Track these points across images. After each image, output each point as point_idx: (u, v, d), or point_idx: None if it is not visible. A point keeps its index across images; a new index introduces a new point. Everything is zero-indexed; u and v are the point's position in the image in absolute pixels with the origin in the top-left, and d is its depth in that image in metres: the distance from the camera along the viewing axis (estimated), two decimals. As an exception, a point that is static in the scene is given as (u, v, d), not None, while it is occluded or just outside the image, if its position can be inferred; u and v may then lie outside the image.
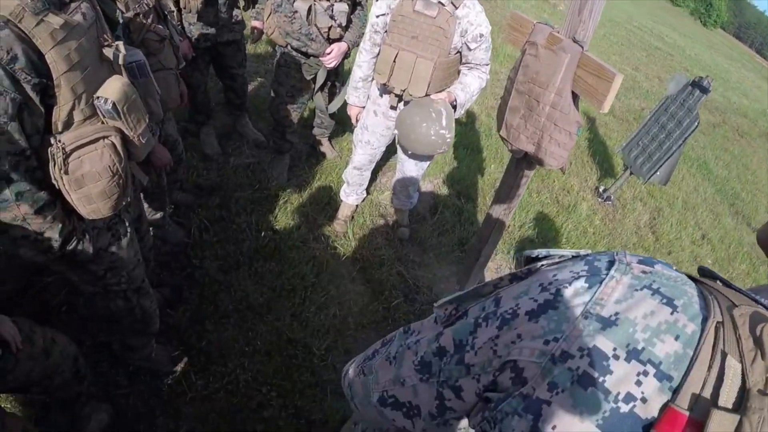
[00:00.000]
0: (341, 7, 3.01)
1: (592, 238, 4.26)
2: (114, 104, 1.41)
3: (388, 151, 3.14)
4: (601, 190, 5.00)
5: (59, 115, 1.33)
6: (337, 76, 3.48)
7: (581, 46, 2.02)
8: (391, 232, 3.46)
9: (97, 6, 1.49)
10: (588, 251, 0.67)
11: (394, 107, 2.76)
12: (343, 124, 4.19)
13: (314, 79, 3.31)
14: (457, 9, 2.42)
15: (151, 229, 2.51)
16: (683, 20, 56.04)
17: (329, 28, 3.04)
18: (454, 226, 3.70)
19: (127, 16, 2.06)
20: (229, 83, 3.71)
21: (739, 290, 0.57)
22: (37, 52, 1.22)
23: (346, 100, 2.95)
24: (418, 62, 2.47)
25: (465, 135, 5.01)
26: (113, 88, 1.42)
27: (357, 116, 2.97)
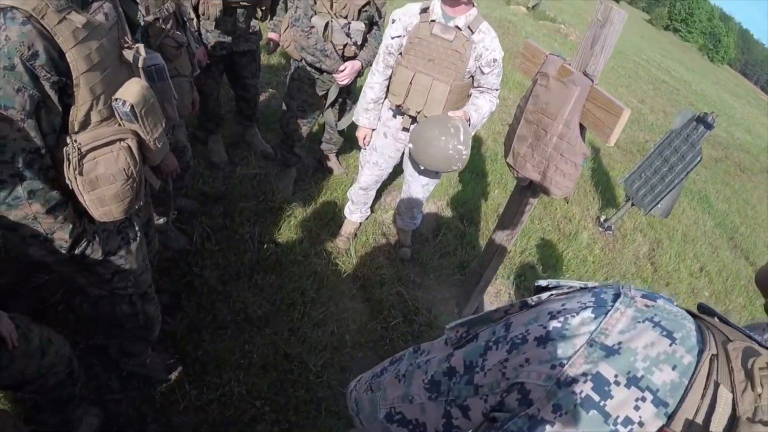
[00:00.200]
0: (358, 26, 3.05)
1: (592, 267, 4.27)
2: (132, 107, 1.40)
3: (395, 171, 3.15)
4: (602, 220, 5.02)
5: (76, 115, 1.32)
6: (349, 94, 3.51)
7: (591, 80, 2.05)
8: (392, 252, 3.47)
9: (119, 7, 1.50)
10: (595, 284, 0.71)
11: (407, 129, 2.78)
12: (351, 141, 4.21)
13: (326, 95, 3.34)
14: (473, 34, 2.47)
15: (155, 233, 2.51)
16: (691, 55, 56.62)
17: (344, 46, 3.08)
18: (456, 249, 3.71)
19: (146, 20, 2.08)
20: (241, 93, 3.74)
21: (735, 327, 0.61)
22: (58, 50, 1.22)
23: (356, 122, 2.94)
24: (434, 85, 2.51)
25: (471, 159, 4.95)
26: (132, 90, 1.42)
27: (366, 138, 2.96)
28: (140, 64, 1.50)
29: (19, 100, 1.18)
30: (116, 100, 1.39)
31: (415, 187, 3.09)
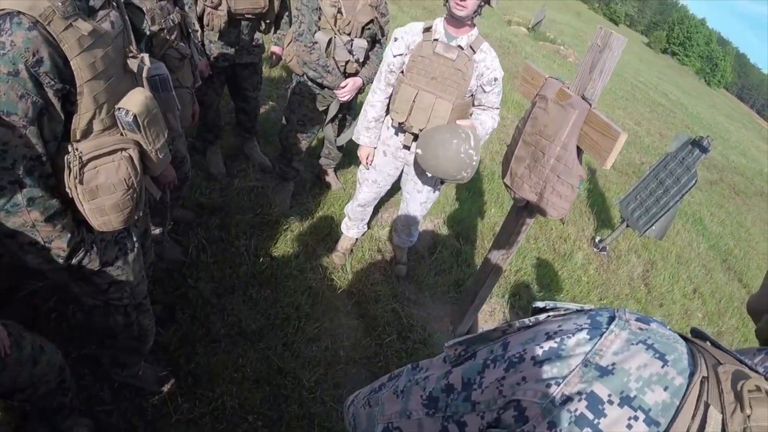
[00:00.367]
0: (361, 43, 3.09)
1: (586, 287, 4.29)
2: (135, 117, 1.40)
3: (392, 188, 3.17)
4: (597, 241, 5.04)
5: (79, 123, 1.32)
6: (349, 110, 3.54)
7: (589, 104, 2.08)
8: (388, 269, 3.47)
9: (126, 15, 1.50)
10: (591, 306, 0.72)
11: (408, 147, 2.80)
12: (350, 156, 4.23)
13: (326, 111, 3.37)
14: (474, 53, 2.52)
15: (150, 243, 2.50)
16: (688, 79, 57.33)
17: (346, 62, 3.11)
18: (452, 267, 3.71)
19: (151, 30, 2.07)
20: (242, 105, 3.76)
21: (726, 351, 0.62)
22: (63, 57, 1.21)
23: (357, 141, 2.94)
24: (438, 103, 2.53)
25: (468, 178, 5.05)
26: (135, 100, 1.41)
27: (368, 157, 2.96)
28: (144, 74, 1.50)
29: (22, 106, 1.18)
30: (119, 109, 1.39)
31: (413, 204, 3.10)
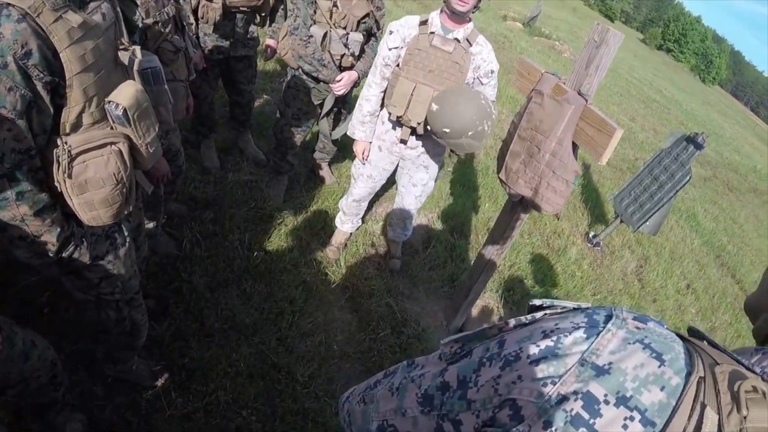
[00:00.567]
0: (356, 37, 3.07)
1: (580, 282, 4.30)
2: (125, 110, 1.38)
3: (387, 182, 3.16)
4: (591, 236, 5.06)
5: (68, 117, 1.30)
6: (344, 104, 3.52)
7: (585, 99, 2.08)
8: (382, 263, 3.46)
9: (118, 7, 1.48)
10: (588, 304, 0.72)
11: (405, 141, 2.79)
12: (344, 150, 4.22)
13: (321, 105, 3.35)
14: (471, 46, 2.53)
15: (144, 237, 2.49)
16: (683, 76, 57.48)
17: (342, 56, 3.10)
18: (446, 262, 3.71)
19: (146, 23, 2.06)
20: (236, 98, 3.73)
21: (724, 350, 0.62)
22: (52, 49, 1.20)
23: (352, 136, 2.93)
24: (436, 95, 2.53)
25: (462, 172, 5.06)
26: (126, 93, 1.40)
27: (364, 152, 2.94)
28: (135, 67, 1.48)
29: (11, 99, 1.16)
30: (109, 102, 1.37)
31: (408, 198, 3.10)
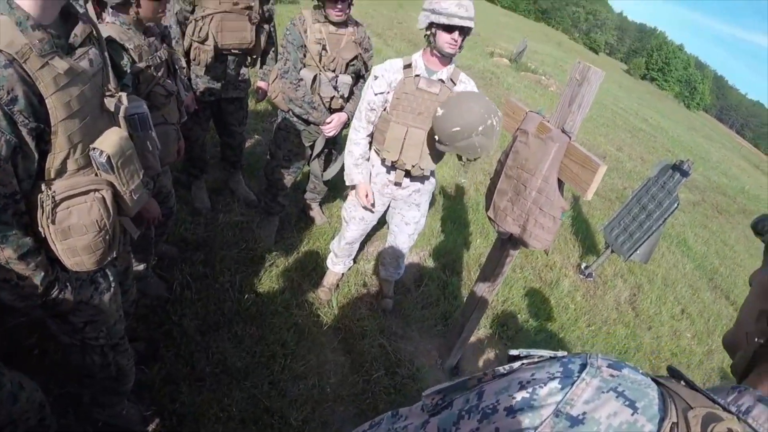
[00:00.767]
0: (345, 79, 3.14)
1: (574, 314, 4.29)
2: (109, 157, 1.39)
3: (377, 221, 3.17)
4: (583, 267, 5.07)
5: (53, 162, 1.31)
6: (335, 145, 3.56)
7: (569, 136, 2.12)
8: (374, 303, 3.44)
9: (106, 53, 1.50)
10: (564, 353, 0.73)
11: (400, 184, 2.82)
12: (335, 190, 4.25)
13: (312, 146, 3.39)
14: (455, 85, 2.59)
15: (133, 280, 2.47)
16: (668, 103, 58.61)
17: (332, 98, 3.15)
18: (439, 300, 3.70)
19: (138, 67, 2.09)
20: (227, 140, 3.77)
21: (700, 390, 0.63)
22: (38, 95, 1.21)
23: (351, 183, 2.87)
24: (428, 137, 2.57)
25: (453, 209, 5.10)
26: (110, 141, 1.41)
27: (367, 195, 2.86)
28: (122, 114, 1.50)
29: None
30: (94, 149, 1.38)
31: (401, 237, 3.11)
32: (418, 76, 2.56)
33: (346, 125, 3.33)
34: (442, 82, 2.58)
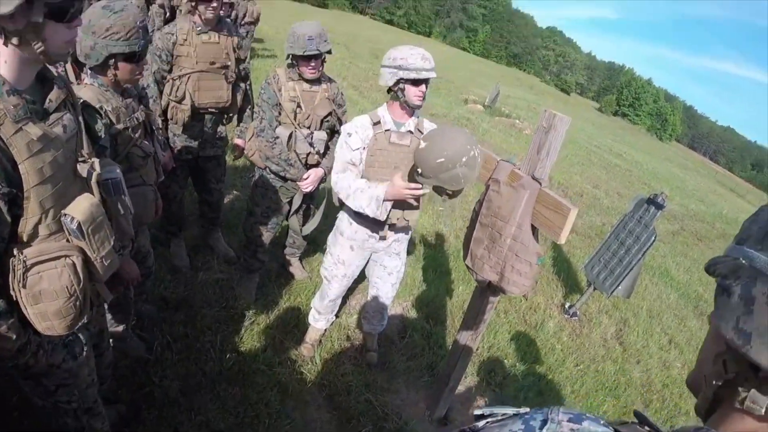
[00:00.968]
0: (320, 135, 3.20)
1: (561, 355, 4.27)
2: (79, 224, 1.39)
3: (359, 276, 3.17)
4: (567, 307, 5.07)
5: (25, 227, 1.31)
6: (312, 200, 3.59)
7: (539, 183, 2.17)
8: (359, 357, 3.40)
9: (81, 117, 1.52)
10: (527, 409, 0.74)
11: (386, 237, 2.83)
12: (315, 244, 4.25)
13: (290, 201, 3.41)
14: (422, 134, 2.62)
15: (112, 341, 2.43)
16: (641, 137, 60.15)
17: (308, 155, 3.20)
18: (424, 350, 3.66)
19: (116, 128, 2.11)
20: (206, 197, 3.77)
21: None
22: (12, 161, 1.21)
23: (378, 211, 2.56)
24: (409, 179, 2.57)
25: (434, 257, 5.12)
26: (81, 207, 1.41)
27: (410, 186, 2.50)
28: (94, 180, 1.51)
29: None
30: (65, 215, 1.39)
31: (385, 287, 3.10)
32: (388, 130, 2.62)
33: (323, 180, 3.37)
34: (411, 132, 2.64)
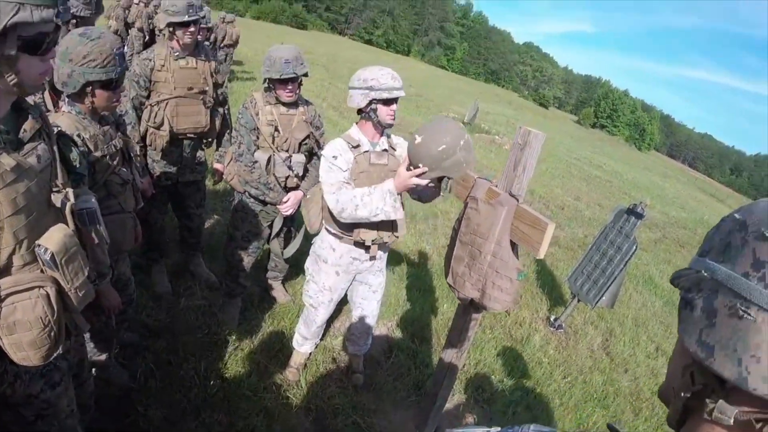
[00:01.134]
0: (299, 158, 3.21)
1: (548, 368, 4.27)
2: (53, 255, 1.39)
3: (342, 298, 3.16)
4: (552, 320, 5.09)
5: None
6: (293, 222, 3.59)
7: (517, 199, 2.20)
8: (344, 379, 3.37)
9: (55, 147, 1.51)
10: (498, 429, 0.74)
11: (375, 257, 2.83)
12: (297, 267, 4.23)
13: (271, 225, 3.40)
14: (395, 151, 2.69)
15: (94, 370, 2.39)
16: (620, 148, 61.06)
17: (287, 178, 3.21)
18: (410, 369, 3.65)
19: (94, 156, 2.11)
20: (186, 222, 3.76)
21: None
22: None
23: (395, 215, 2.52)
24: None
25: (417, 276, 5.12)
26: (54, 238, 1.40)
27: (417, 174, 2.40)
28: (68, 210, 1.50)
29: None
30: (38, 246, 1.38)
31: (370, 305, 3.09)
32: (367, 152, 2.63)
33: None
34: (386, 151, 2.67)
